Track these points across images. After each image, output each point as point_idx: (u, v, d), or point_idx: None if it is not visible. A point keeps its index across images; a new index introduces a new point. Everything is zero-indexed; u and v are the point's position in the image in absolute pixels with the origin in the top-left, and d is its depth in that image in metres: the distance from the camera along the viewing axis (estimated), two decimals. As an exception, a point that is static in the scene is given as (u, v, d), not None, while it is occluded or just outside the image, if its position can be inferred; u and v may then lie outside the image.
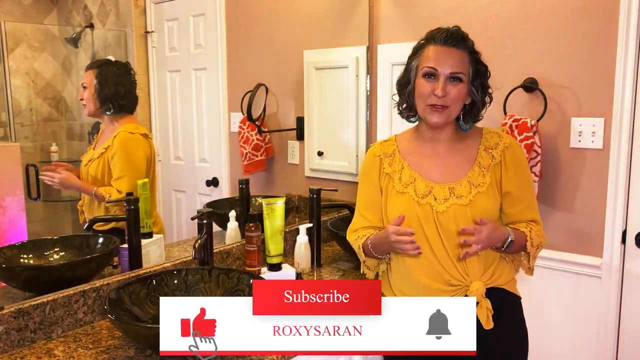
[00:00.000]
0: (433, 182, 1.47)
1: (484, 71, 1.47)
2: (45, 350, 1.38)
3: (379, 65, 2.45)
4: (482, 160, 1.47)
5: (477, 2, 2.16)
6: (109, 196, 1.70)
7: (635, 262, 1.96)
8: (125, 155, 1.74)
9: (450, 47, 1.42)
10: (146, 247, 1.71)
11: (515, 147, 1.51)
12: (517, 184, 1.48)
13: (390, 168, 1.52)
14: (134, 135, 1.77)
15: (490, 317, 1.42)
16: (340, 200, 2.41)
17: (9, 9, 1.62)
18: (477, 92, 1.45)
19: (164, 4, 2.00)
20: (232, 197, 2.16)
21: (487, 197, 1.44)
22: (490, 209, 1.45)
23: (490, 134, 1.52)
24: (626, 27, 1.85)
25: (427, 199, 1.45)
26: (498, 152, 1.48)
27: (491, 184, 1.45)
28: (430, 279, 1.45)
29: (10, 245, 1.56)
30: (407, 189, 1.47)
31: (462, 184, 1.45)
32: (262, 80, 2.25)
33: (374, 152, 1.57)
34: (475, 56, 1.45)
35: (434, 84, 1.41)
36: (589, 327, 2.04)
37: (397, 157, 1.53)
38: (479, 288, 1.42)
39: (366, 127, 2.51)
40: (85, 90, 1.71)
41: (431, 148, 1.51)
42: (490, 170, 1.46)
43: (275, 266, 1.69)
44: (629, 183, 1.93)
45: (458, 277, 1.43)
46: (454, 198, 1.43)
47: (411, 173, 1.49)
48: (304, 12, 2.43)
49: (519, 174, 1.49)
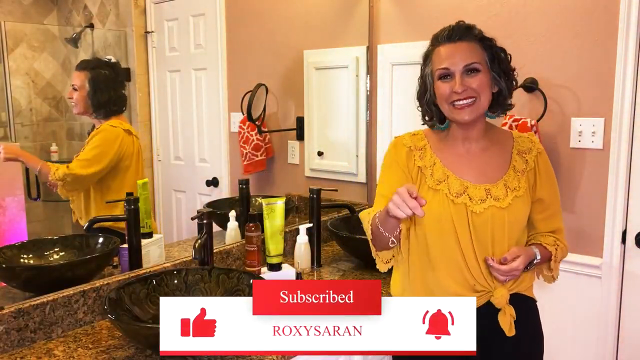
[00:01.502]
0: (468, 181, 1.40)
1: (502, 55, 1.41)
2: (45, 350, 1.38)
3: (379, 65, 2.45)
4: (517, 165, 1.43)
5: (477, 2, 2.16)
6: (53, 173, 1.63)
7: (635, 262, 1.96)
8: (95, 141, 1.71)
9: (456, 41, 1.38)
10: (146, 247, 1.71)
11: (545, 153, 1.47)
12: (549, 191, 1.45)
13: (421, 161, 1.44)
14: (115, 128, 1.74)
15: (512, 324, 1.38)
16: (340, 200, 2.41)
17: (9, 9, 1.62)
18: (499, 78, 1.39)
19: (164, 4, 2.00)
20: (232, 197, 2.16)
21: (523, 202, 1.40)
22: (525, 214, 1.41)
23: (521, 138, 1.47)
24: (626, 27, 1.85)
25: (461, 198, 1.38)
26: (532, 157, 1.44)
27: (526, 189, 1.41)
28: (455, 283, 1.39)
29: (10, 245, 1.56)
30: (441, 186, 1.39)
31: (498, 186, 1.39)
32: (262, 80, 2.25)
33: (403, 142, 1.47)
34: (487, 42, 1.40)
35: (451, 83, 1.36)
36: (589, 327, 2.04)
37: (428, 151, 1.45)
38: (503, 294, 1.38)
39: (366, 127, 2.51)
40: (76, 91, 1.69)
41: (464, 147, 1.44)
42: (525, 175, 1.42)
43: (275, 266, 1.69)
44: (629, 183, 1.93)
45: (483, 282, 1.38)
46: (492, 200, 1.37)
47: (444, 170, 1.41)
48: (304, 12, 2.43)
49: (550, 180, 1.46)
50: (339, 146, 2.52)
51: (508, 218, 1.37)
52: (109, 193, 1.73)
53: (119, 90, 1.77)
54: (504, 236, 1.38)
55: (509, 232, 1.38)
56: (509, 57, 1.43)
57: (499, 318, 1.38)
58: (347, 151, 2.52)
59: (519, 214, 1.39)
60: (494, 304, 1.38)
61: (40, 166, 1.62)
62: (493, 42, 1.41)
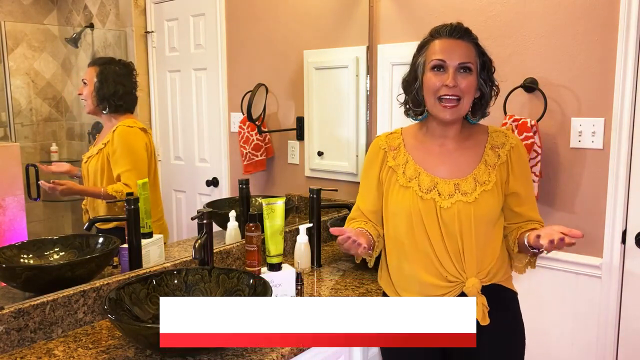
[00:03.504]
0: (438, 177, 1.46)
1: (490, 64, 1.47)
2: (45, 350, 1.38)
3: (379, 65, 2.45)
4: (488, 159, 1.47)
5: (477, 2, 2.16)
6: (120, 194, 1.69)
7: (635, 262, 1.96)
8: (128, 148, 1.74)
9: (457, 39, 1.42)
10: (146, 247, 1.71)
11: (520, 147, 1.51)
12: (524, 185, 1.49)
13: (394, 161, 1.52)
14: (133, 129, 1.77)
15: (486, 313, 1.42)
16: (340, 200, 2.41)
17: (9, 9, 1.62)
18: (485, 85, 1.45)
19: (164, 4, 2.00)
20: (232, 197, 2.16)
21: (492, 195, 1.44)
22: (493, 208, 1.45)
23: (496, 133, 1.52)
24: (626, 27, 1.85)
25: (431, 194, 1.44)
26: (504, 151, 1.48)
27: (496, 183, 1.45)
28: (428, 274, 1.45)
29: (10, 245, 1.56)
30: (411, 184, 1.47)
31: (467, 180, 1.45)
32: (262, 80, 2.25)
33: (379, 145, 1.56)
34: (480, 49, 1.46)
35: (443, 76, 1.40)
36: (589, 327, 2.04)
37: (402, 150, 1.52)
38: (474, 284, 1.42)
39: (366, 127, 2.51)
40: (86, 86, 1.71)
41: (439, 145, 1.50)
42: (496, 169, 1.46)
43: (275, 266, 1.69)
44: (629, 183, 1.93)
45: (455, 273, 1.44)
46: (459, 195, 1.43)
47: (416, 167, 1.49)
48: (304, 12, 2.43)
49: (524, 174, 1.50)
50: (339, 146, 2.52)
51: (475, 212, 1.42)
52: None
53: (128, 87, 1.78)
54: (471, 229, 1.43)
55: (476, 225, 1.43)
56: (493, 68, 1.49)
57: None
58: (347, 151, 2.52)
59: (487, 208, 1.44)
60: (466, 293, 1.43)
61: (102, 192, 1.70)
62: (483, 49, 1.47)
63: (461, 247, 1.43)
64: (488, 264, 1.46)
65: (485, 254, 1.45)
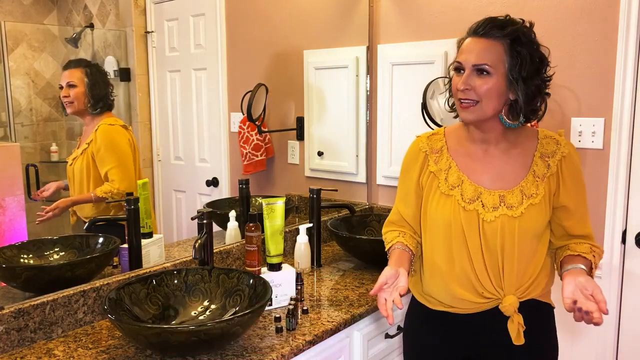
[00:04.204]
0: (482, 187, 1.36)
1: (528, 61, 1.28)
2: (45, 350, 1.38)
3: (379, 65, 2.45)
4: (537, 169, 1.36)
5: (477, 2, 2.16)
6: (109, 195, 1.71)
7: (635, 262, 1.96)
8: (112, 146, 1.75)
9: (480, 37, 1.30)
10: (146, 247, 1.71)
11: (573, 155, 1.38)
12: (575, 198, 1.37)
13: (435, 166, 1.42)
14: (114, 126, 1.78)
15: (521, 333, 1.35)
16: (340, 200, 2.41)
17: (9, 9, 1.62)
18: (517, 85, 1.28)
19: (164, 4, 2.00)
20: (232, 197, 2.16)
21: (539, 210, 1.34)
22: (539, 223, 1.35)
23: (547, 140, 1.39)
24: (626, 27, 1.85)
25: (474, 205, 1.35)
26: (555, 161, 1.36)
27: (544, 196, 1.34)
28: (463, 288, 1.37)
29: (10, 245, 1.56)
30: (454, 192, 1.37)
31: (513, 192, 1.34)
32: (262, 80, 2.25)
33: (419, 147, 1.46)
34: (517, 45, 1.28)
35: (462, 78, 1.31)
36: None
37: (444, 154, 1.42)
38: (512, 303, 1.34)
39: (366, 127, 2.51)
40: (73, 88, 1.70)
41: (482, 150, 1.39)
42: (545, 180, 1.35)
43: (275, 266, 1.69)
44: (629, 183, 1.93)
45: (492, 290, 1.36)
46: (504, 208, 1.33)
47: (459, 174, 1.38)
48: (304, 12, 2.43)
49: (576, 186, 1.38)
50: (339, 146, 2.52)
51: (519, 227, 1.33)
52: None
53: (109, 85, 1.80)
54: (514, 246, 1.34)
55: (519, 242, 1.34)
56: (544, 65, 1.32)
57: (508, 325, 1.36)
58: (347, 151, 2.52)
59: (533, 223, 1.34)
60: (502, 311, 1.36)
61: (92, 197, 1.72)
62: (529, 45, 1.29)
63: (501, 263, 1.34)
64: (528, 280, 1.37)
65: (526, 271, 1.36)
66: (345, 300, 1.74)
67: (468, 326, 1.41)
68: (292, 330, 1.51)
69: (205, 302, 1.55)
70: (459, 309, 1.40)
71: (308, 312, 1.64)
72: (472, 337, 1.42)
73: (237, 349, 1.39)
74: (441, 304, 1.43)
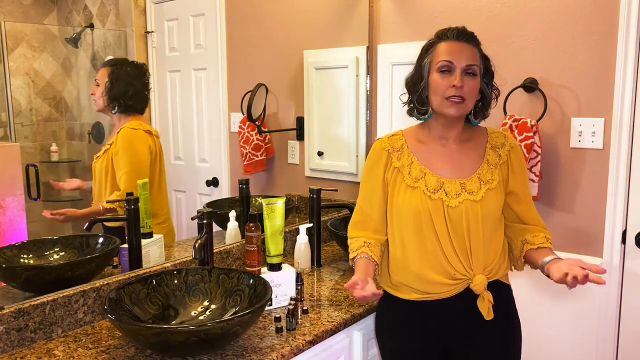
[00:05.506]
0: (444, 177, 1.49)
1: (491, 69, 1.51)
2: (45, 350, 1.38)
3: (379, 65, 2.45)
4: (490, 158, 1.51)
5: (477, 2, 2.16)
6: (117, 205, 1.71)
7: (635, 262, 1.96)
8: (128, 150, 1.76)
9: (463, 42, 1.45)
10: (146, 247, 1.71)
11: (518, 148, 1.56)
12: (522, 185, 1.54)
13: (399, 162, 1.53)
14: (137, 131, 1.78)
15: (491, 309, 1.47)
16: (340, 200, 2.41)
17: (9, 9, 1.62)
18: (487, 88, 1.49)
19: (164, 4, 2.00)
20: (232, 197, 2.16)
21: (496, 194, 1.48)
22: (497, 206, 1.50)
23: (495, 134, 1.56)
24: (626, 27, 1.85)
25: (438, 194, 1.47)
26: (505, 151, 1.52)
27: (499, 182, 1.50)
28: (435, 272, 1.47)
29: (10, 245, 1.56)
30: (418, 184, 1.49)
31: (472, 179, 1.48)
32: (262, 80, 2.25)
33: (382, 146, 1.57)
34: (484, 53, 1.49)
35: (450, 77, 1.43)
36: (589, 327, 2.04)
37: (405, 151, 1.54)
38: (482, 281, 1.45)
39: (366, 127, 2.51)
40: (98, 87, 1.74)
41: (441, 145, 1.53)
42: (498, 168, 1.51)
43: (275, 266, 1.69)
44: (629, 183, 1.93)
45: (462, 271, 1.46)
46: (466, 194, 1.46)
47: (421, 168, 1.51)
48: (304, 12, 2.43)
49: (522, 174, 1.55)
50: (339, 146, 2.52)
51: (481, 210, 1.46)
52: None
53: (139, 88, 1.80)
54: (479, 227, 1.46)
55: (483, 223, 1.46)
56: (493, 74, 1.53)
57: (477, 303, 1.47)
58: (347, 151, 2.52)
59: (492, 206, 1.48)
60: (472, 290, 1.46)
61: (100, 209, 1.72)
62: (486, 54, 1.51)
63: (468, 244, 1.46)
64: (492, 261, 1.49)
65: (490, 251, 1.49)
66: (345, 300, 1.74)
67: (441, 313, 1.49)
68: (292, 330, 1.51)
69: (205, 302, 1.55)
70: (433, 294, 1.48)
71: (308, 312, 1.64)
72: (445, 325, 1.50)
73: (237, 349, 1.39)
74: (415, 291, 1.50)
